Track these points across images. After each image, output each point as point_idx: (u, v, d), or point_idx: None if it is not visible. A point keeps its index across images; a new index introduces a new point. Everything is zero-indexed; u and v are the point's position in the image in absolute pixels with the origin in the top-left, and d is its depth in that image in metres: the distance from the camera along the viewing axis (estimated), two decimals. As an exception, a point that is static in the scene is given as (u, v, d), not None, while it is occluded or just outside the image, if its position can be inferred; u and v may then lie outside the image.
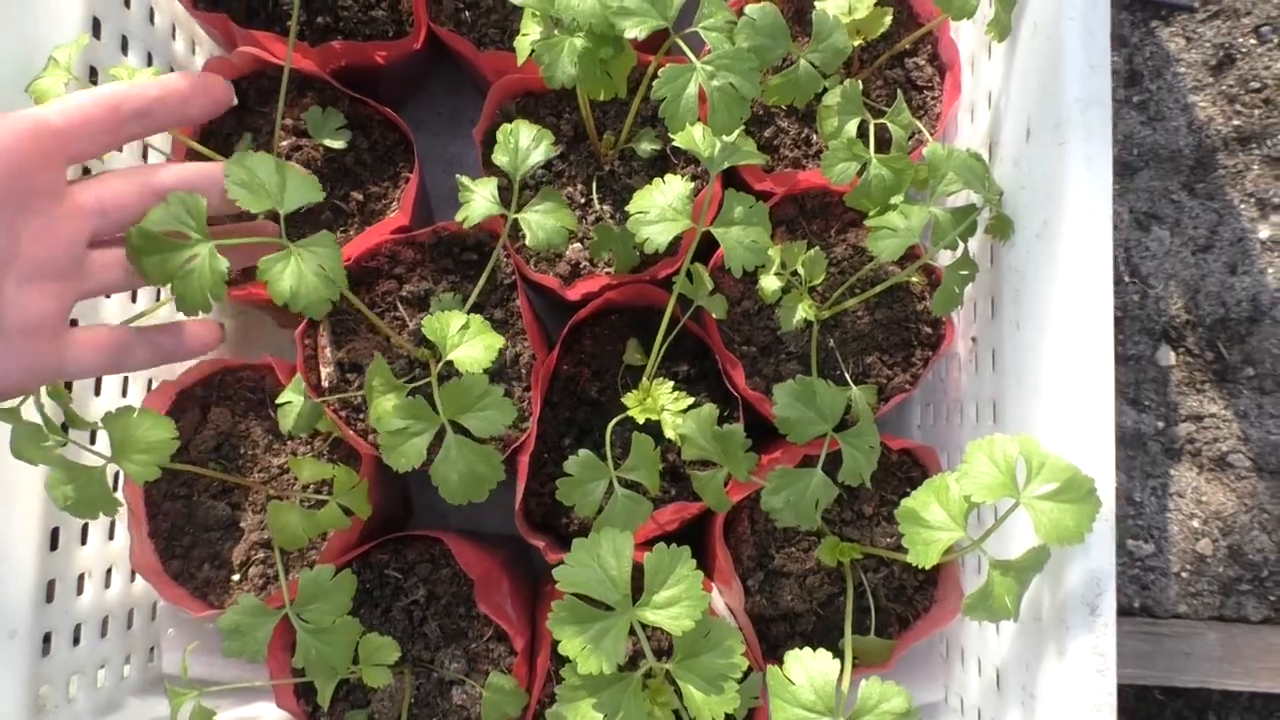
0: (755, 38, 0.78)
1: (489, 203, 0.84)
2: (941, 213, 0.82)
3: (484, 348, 0.78)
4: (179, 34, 1.05)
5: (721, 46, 0.75)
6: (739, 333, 0.96)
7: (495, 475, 0.75)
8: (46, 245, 0.64)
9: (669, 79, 0.72)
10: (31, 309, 0.64)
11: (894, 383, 0.95)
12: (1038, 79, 0.80)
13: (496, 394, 0.74)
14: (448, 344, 0.78)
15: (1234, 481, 1.19)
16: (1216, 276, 1.21)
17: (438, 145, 1.16)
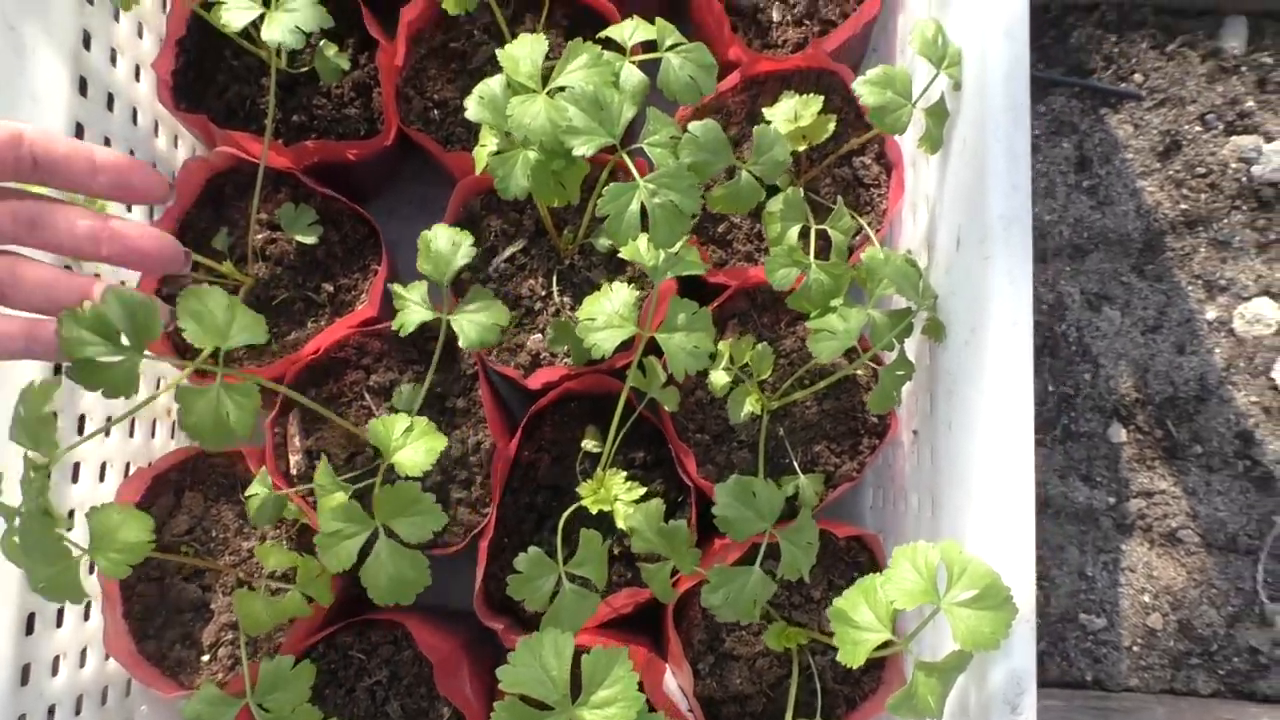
0: (697, 153, 0.82)
1: (421, 308, 0.88)
2: (879, 315, 0.86)
3: (426, 451, 0.82)
4: (162, 131, 1.10)
5: (666, 162, 0.79)
6: (693, 421, 1.00)
7: (422, 580, 0.78)
8: None
9: (613, 197, 0.76)
10: None
11: (841, 470, 0.99)
12: (966, 192, 0.84)
13: (427, 501, 0.78)
14: (391, 447, 0.81)
15: (1184, 557, 1.22)
16: (1165, 356, 1.24)
17: (409, 232, 1.19)
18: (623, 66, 0.83)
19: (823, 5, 1.05)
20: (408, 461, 0.82)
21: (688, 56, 0.82)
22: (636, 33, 0.85)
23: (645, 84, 0.83)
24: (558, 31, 1.06)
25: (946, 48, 0.85)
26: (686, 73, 0.82)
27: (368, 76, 1.07)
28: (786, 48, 1.05)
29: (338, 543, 0.78)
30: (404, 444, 0.82)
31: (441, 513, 0.79)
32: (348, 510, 0.79)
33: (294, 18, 0.87)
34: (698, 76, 0.82)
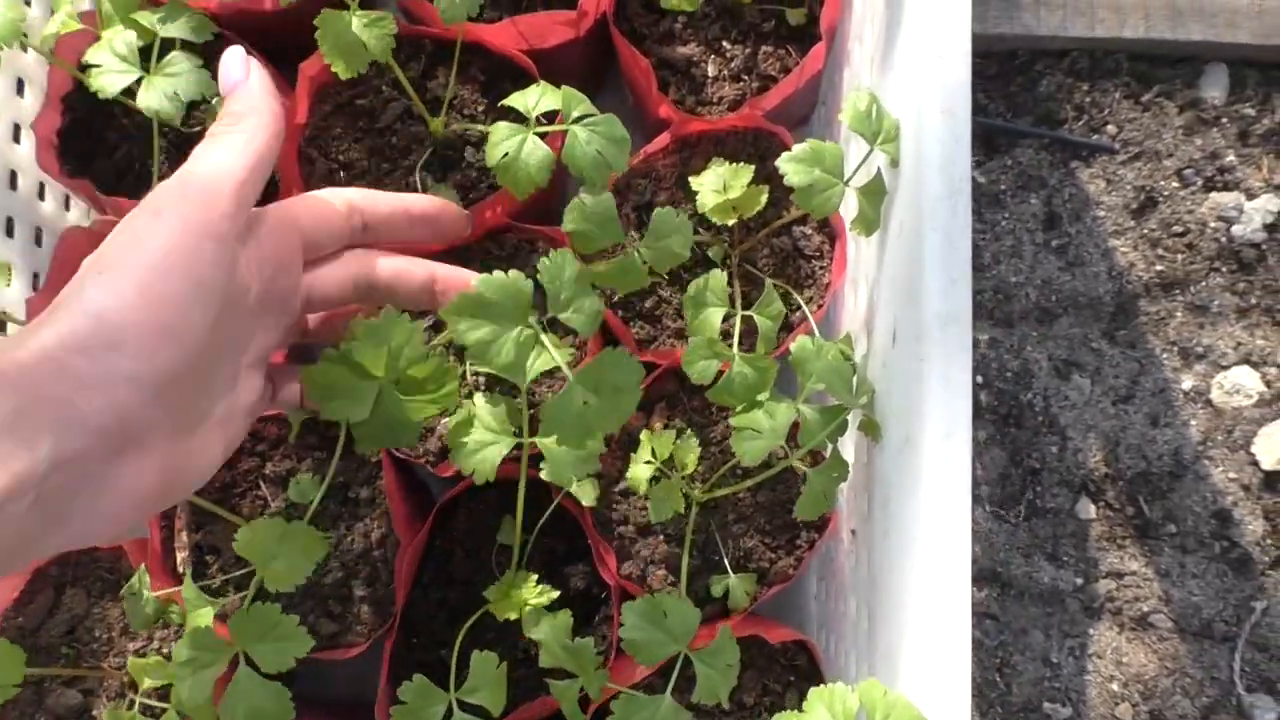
0: (580, 224, 0.74)
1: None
2: (810, 412, 0.78)
3: (302, 560, 0.75)
4: (49, 194, 1.02)
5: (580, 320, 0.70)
6: (615, 512, 0.92)
7: (284, 715, 0.70)
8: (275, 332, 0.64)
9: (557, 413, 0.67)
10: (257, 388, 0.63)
11: (777, 567, 0.91)
12: (903, 282, 0.76)
13: (290, 625, 0.70)
14: (263, 557, 0.74)
15: (1156, 643, 1.14)
16: (1138, 428, 1.16)
17: None
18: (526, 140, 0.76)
19: (761, 60, 0.97)
20: (282, 574, 0.74)
21: (596, 130, 0.75)
22: (542, 101, 0.77)
23: (550, 159, 0.76)
24: (473, 86, 0.98)
25: (882, 121, 0.77)
26: (594, 148, 0.74)
27: (273, 133, 0.99)
28: (722, 105, 0.97)
29: (193, 672, 0.70)
30: (277, 554, 0.75)
31: (308, 638, 0.71)
32: (203, 636, 0.71)
33: (174, 84, 0.81)
34: (607, 151, 0.75)
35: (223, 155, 0.58)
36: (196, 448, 0.56)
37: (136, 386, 0.49)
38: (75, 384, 0.48)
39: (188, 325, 0.52)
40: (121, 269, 0.51)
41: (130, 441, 0.50)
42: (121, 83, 0.82)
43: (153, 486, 0.53)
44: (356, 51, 0.80)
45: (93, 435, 0.48)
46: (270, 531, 0.76)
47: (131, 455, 0.51)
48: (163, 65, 0.82)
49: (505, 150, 0.76)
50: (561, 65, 0.98)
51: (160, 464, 0.53)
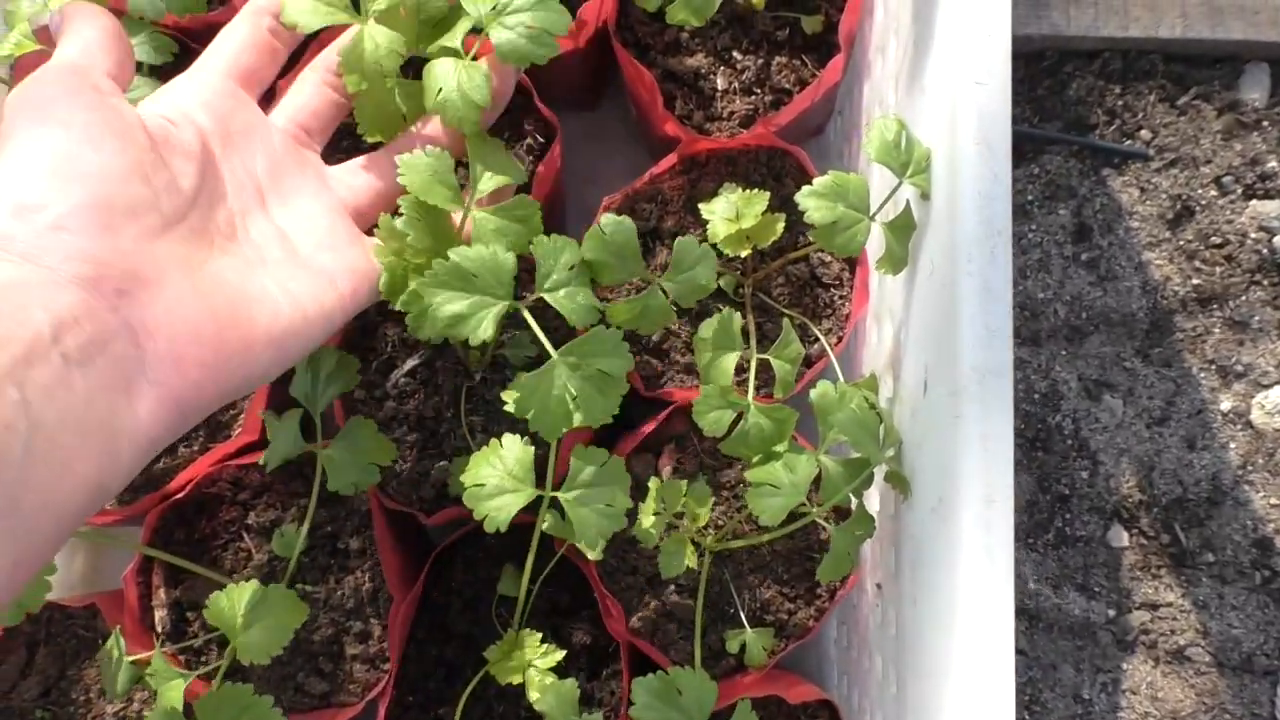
0: (599, 253, 0.69)
1: (290, 442, 0.76)
2: (832, 464, 0.72)
3: (278, 628, 0.70)
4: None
5: (571, 305, 0.66)
6: (623, 562, 0.86)
7: None
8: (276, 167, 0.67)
9: (530, 390, 0.63)
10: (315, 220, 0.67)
11: (795, 619, 0.85)
12: (934, 329, 0.69)
13: (263, 706, 0.65)
14: (235, 627, 0.69)
15: (1193, 677, 1.08)
16: (1173, 452, 1.10)
17: None
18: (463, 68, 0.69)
19: (775, 71, 0.90)
20: (256, 645, 0.69)
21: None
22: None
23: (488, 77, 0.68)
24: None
25: (912, 151, 0.70)
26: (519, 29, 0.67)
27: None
28: (733, 121, 0.90)
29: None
30: (250, 622, 0.70)
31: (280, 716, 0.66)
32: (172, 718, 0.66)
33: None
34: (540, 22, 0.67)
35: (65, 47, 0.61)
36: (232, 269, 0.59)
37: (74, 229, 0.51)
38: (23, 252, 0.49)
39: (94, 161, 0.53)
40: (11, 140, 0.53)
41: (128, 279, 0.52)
42: None
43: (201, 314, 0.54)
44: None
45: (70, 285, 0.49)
46: (244, 597, 0.71)
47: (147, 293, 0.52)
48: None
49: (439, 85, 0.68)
50: (560, 78, 0.92)
51: (192, 291, 0.55)
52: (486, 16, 0.67)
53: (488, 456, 0.69)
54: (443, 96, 0.67)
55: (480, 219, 0.68)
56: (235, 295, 0.58)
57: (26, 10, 0.81)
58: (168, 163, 0.58)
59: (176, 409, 0.52)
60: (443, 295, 0.65)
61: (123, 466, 0.50)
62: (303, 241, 0.65)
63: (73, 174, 0.52)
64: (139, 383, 0.50)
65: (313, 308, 0.62)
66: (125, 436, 0.49)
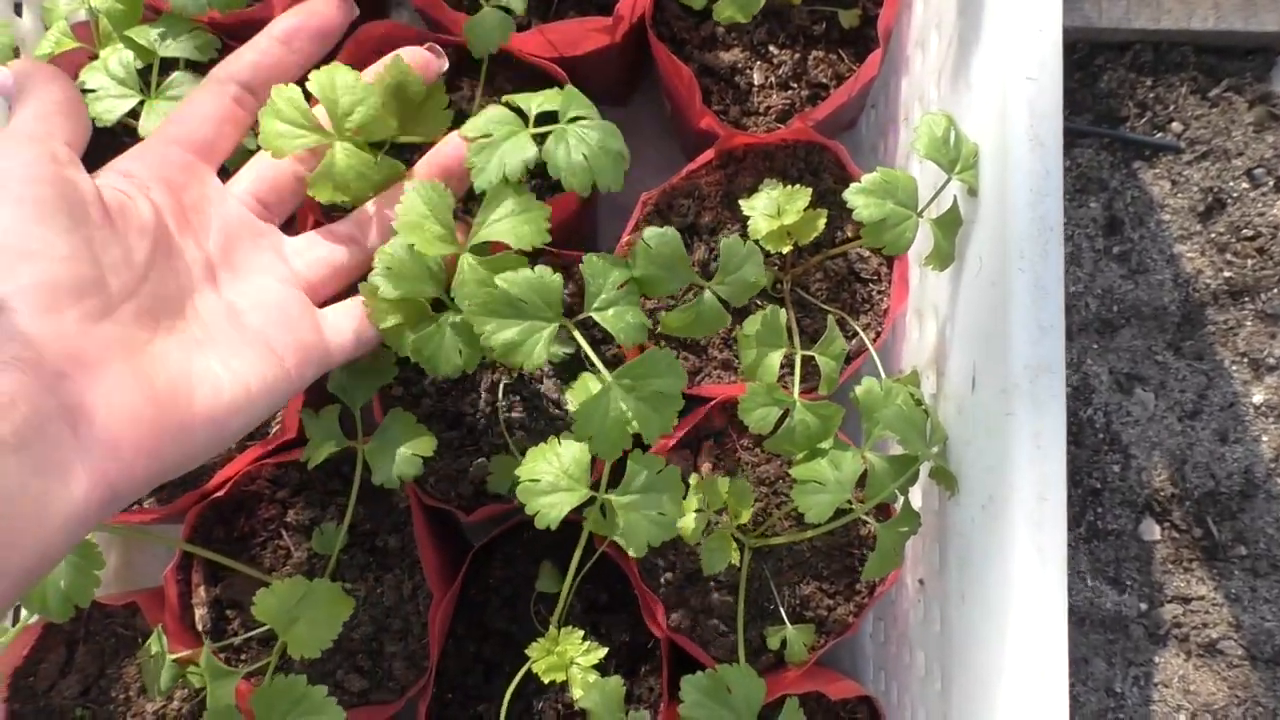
0: (648, 268, 0.68)
1: (330, 438, 0.76)
2: (878, 460, 0.72)
3: (327, 622, 0.70)
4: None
5: (620, 324, 0.65)
6: (662, 559, 0.86)
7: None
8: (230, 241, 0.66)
9: (588, 414, 0.63)
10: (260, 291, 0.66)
11: (835, 615, 0.85)
12: (983, 326, 0.69)
13: (317, 696, 0.65)
14: (284, 622, 0.69)
15: (1225, 670, 1.08)
16: (1206, 445, 1.10)
17: None
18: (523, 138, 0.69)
19: (812, 66, 0.90)
20: (305, 640, 0.69)
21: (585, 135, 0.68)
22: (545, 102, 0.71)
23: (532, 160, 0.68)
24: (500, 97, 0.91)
25: (960, 148, 0.70)
26: (581, 153, 0.68)
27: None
28: (770, 115, 0.90)
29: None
30: (299, 616, 0.70)
31: (339, 710, 0.66)
32: (226, 716, 0.66)
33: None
34: (594, 160, 0.68)
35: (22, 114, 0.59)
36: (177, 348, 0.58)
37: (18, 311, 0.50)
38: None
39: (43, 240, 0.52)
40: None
41: (69, 362, 0.51)
42: (122, 108, 0.77)
43: (140, 397, 0.54)
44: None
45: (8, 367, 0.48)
46: (291, 593, 0.71)
47: (86, 376, 0.52)
48: (165, 87, 0.77)
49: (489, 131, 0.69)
50: (594, 74, 0.91)
51: (132, 373, 0.54)
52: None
53: (544, 454, 0.69)
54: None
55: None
56: (176, 376, 0.57)
57: (64, 9, 0.81)
58: (122, 237, 0.57)
59: (110, 491, 0.51)
60: (493, 324, 0.64)
61: (53, 549, 0.49)
62: (252, 317, 0.64)
63: (22, 253, 0.51)
64: (73, 466, 0.50)
65: (257, 385, 0.61)
66: (58, 519, 0.49)
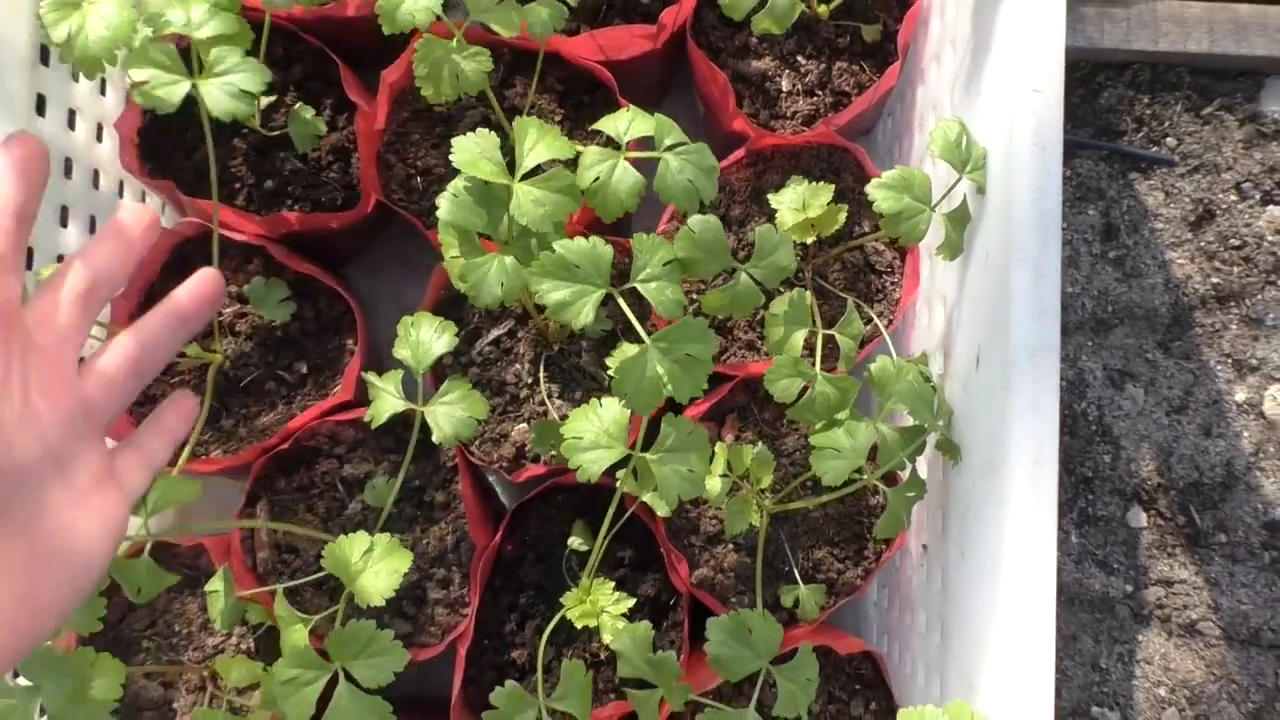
0: (691, 250, 0.76)
1: (394, 399, 0.83)
2: (889, 431, 0.79)
3: (389, 573, 0.76)
4: (127, 192, 1.03)
5: (661, 297, 0.72)
6: (686, 521, 0.94)
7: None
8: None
9: (627, 371, 0.70)
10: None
11: (844, 579, 0.93)
12: (987, 309, 0.77)
13: (386, 639, 0.72)
14: (351, 573, 0.76)
15: (1203, 650, 1.16)
16: (1190, 439, 1.18)
17: (392, 291, 1.13)
18: (618, 165, 0.77)
19: (836, 75, 0.98)
20: (370, 588, 0.76)
21: (688, 158, 0.76)
22: (634, 126, 0.78)
23: (641, 184, 0.76)
24: (550, 96, 0.99)
25: (971, 150, 0.78)
26: (685, 176, 0.75)
27: (346, 140, 1.00)
28: (796, 119, 0.98)
29: (296, 690, 0.72)
30: (364, 567, 0.77)
31: (404, 651, 0.73)
32: (304, 655, 0.73)
33: (233, 81, 0.78)
34: (698, 180, 0.76)
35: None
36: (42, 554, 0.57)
37: None
38: None
39: None
40: None
41: None
42: (180, 91, 0.77)
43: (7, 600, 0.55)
44: (452, 80, 0.80)
45: None
46: (356, 546, 0.77)
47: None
48: (211, 64, 0.78)
49: (596, 174, 0.76)
50: (635, 76, 0.99)
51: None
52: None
53: (587, 414, 0.76)
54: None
55: (520, 191, 0.73)
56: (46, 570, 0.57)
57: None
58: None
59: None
60: (549, 284, 0.71)
61: None
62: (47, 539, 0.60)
63: None
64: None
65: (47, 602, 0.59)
66: None
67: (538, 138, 0.76)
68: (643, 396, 0.72)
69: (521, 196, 0.74)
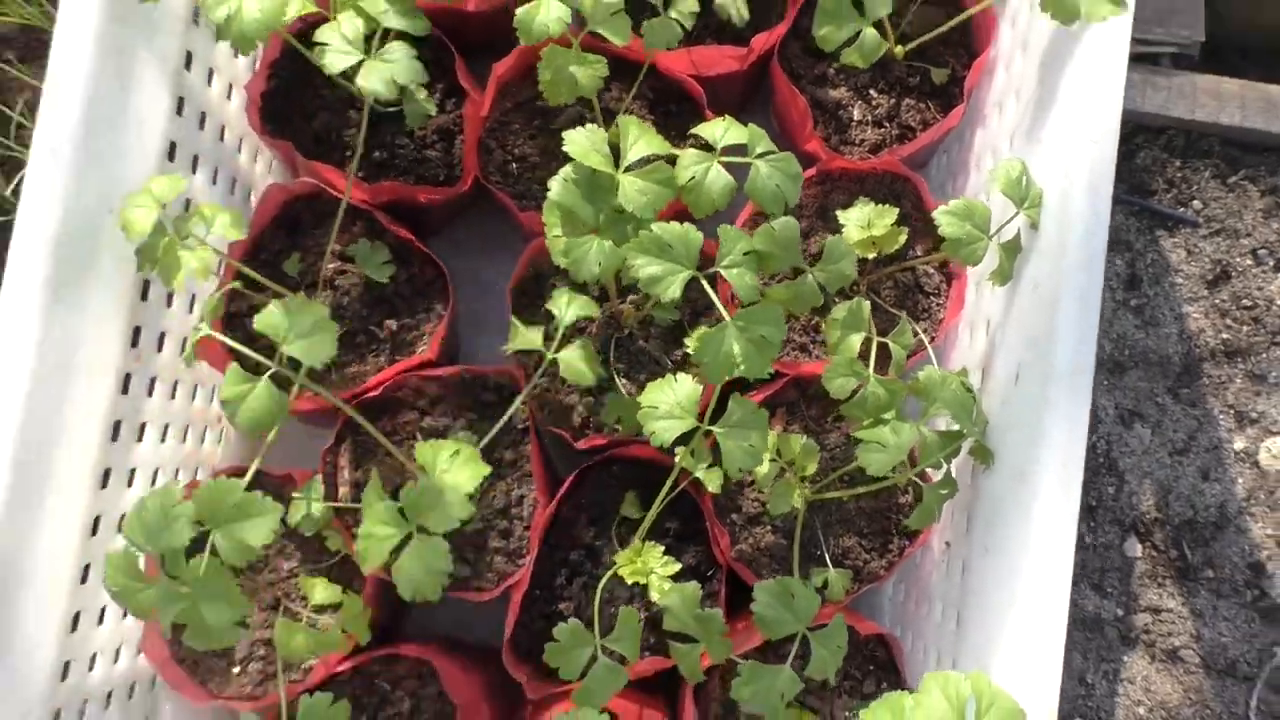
0: (770, 245, 0.85)
1: (534, 341, 0.93)
2: (929, 433, 0.88)
3: (469, 475, 0.84)
4: (244, 147, 1.12)
5: (740, 282, 0.81)
6: (732, 501, 1.02)
7: (445, 568, 0.80)
8: None
9: (707, 342, 0.78)
10: None
11: (869, 568, 1.02)
12: (1032, 332, 0.86)
13: (458, 494, 0.80)
14: (436, 469, 0.83)
15: (1183, 675, 1.25)
16: (1189, 480, 1.27)
17: (474, 266, 1.21)
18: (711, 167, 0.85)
19: (904, 110, 1.08)
20: (455, 482, 0.83)
21: (776, 166, 0.85)
22: (728, 134, 0.87)
23: (732, 186, 0.85)
24: (642, 102, 1.08)
25: (1029, 189, 0.87)
26: (774, 182, 0.84)
27: (452, 123, 1.09)
28: (864, 147, 1.07)
29: (374, 544, 0.80)
30: (448, 467, 0.84)
31: (470, 504, 0.81)
32: (387, 512, 0.81)
33: (391, 69, 0.88)
34: (784, 186, 0.85)
35: None
36: None
37: None
38: None
39: None
40: None
41: None
42: (345, 62, 0.88)
43: None
44: (570, 85, 0.90)
45: None
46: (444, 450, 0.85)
47: None
48: (382, 52, 0.89)
49: (692, 174, 0.85)
50: (718, 92, 1.08)
51: None
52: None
53: (663, 387, 0.85)
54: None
55: (626, 181, 0.82)
56: None
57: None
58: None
59: None
60: (644, 259, 0.80)
61: None
62: None
63: None
64: None
65: None
66: None
67: (639, 134, 0.85)
68: (717, 368, 0.80)
69: (626, 185, 0.83)
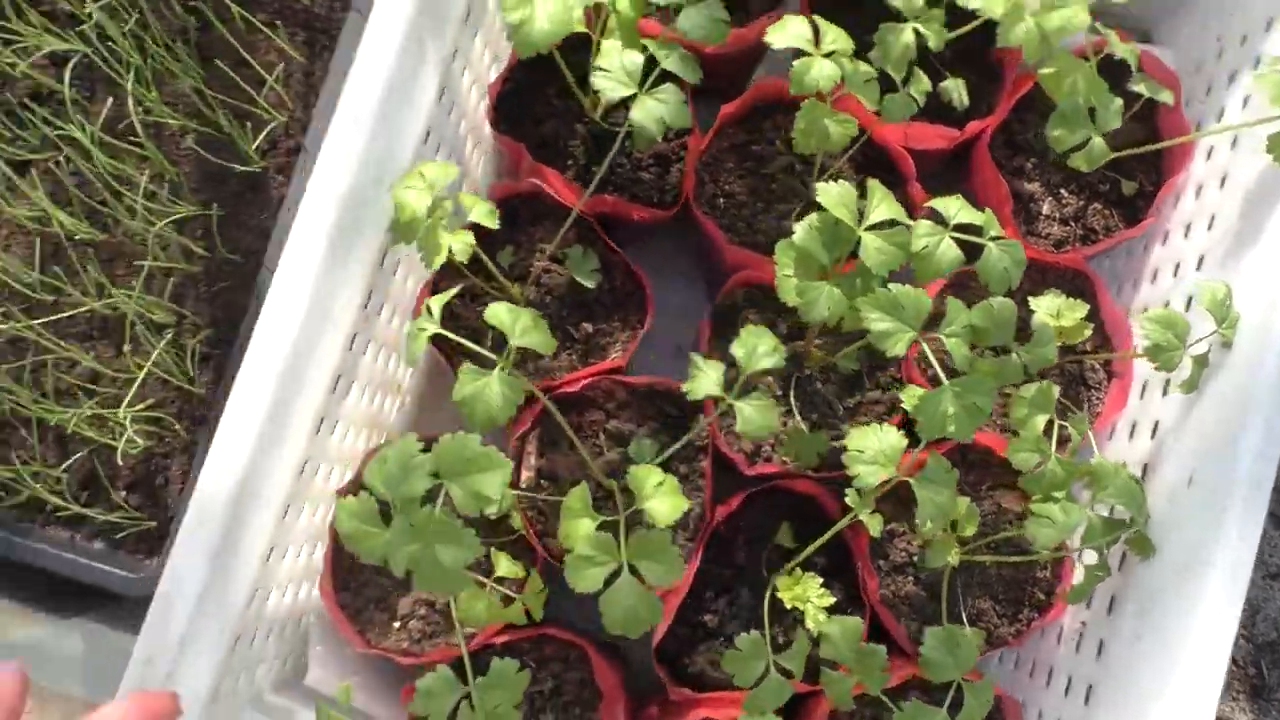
0: (987, 322, 0.92)
1: (714, 384, 0.98)
2: (1095, 517, 0.95)
3: (671, 506, 0.90)
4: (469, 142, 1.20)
5: (958, 350, 0.88)
6: (878, 548, 1.09)
7: (655, 619, 0.85)
8: None
9: (926, 404, 0.85)
10: None
11: (998, 632, 1.08)
12: (1210, 442, 0.93)
13: (675, 553, 0.85)
14: (644, 494, 0.89)
15: (1243, 787, 1.32)
16: (1277, 604, 1.34)
17: (662, 289, 1.21)
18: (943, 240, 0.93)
19: (1090, 214, 1.15)
20: (658, 511, 0.90)
21: (1006, 251, 0.92)
22: (961, 213, 0.94)
23: (960, 259, 0.92)
24: (849, 164, 1.16)
25: (1229, 311, 0.95)
26: (1003, 265, 0.92)
27: (670, 151, 1.16)
28: (1048, 240, 1.15)
29: (587, 567, 0.85)
30: (654, 494, 0.91)
31: (684, 565, 0.87)
32: (600, 541, 0.86)
33: (663, 110, 0.94)
34: (1011, 270, 0.92)
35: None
36: None
37: None
38: None
39: None
40: None
41: None
42: (619, 92, 0.94)
43: None
44: (822, 137, 0.97)
45: None
46: (652, 476, 0.91)
47: None
48: (655, 90, 0.95)
49: (925, 243, 0.92)
50: (929, 161, 1.16)
51: None
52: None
53: (869, 434, 0.92)
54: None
55: (867, 238, 0.89)
56: None
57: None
58: None
59: None
60: (876, 314, 0.87)
61: None
62: None
63: None
64: None
65: None
66: None
67: (881, 199, 0.92)
68: (932, 427, 0.86)
69: (868, 242, 0.90)
